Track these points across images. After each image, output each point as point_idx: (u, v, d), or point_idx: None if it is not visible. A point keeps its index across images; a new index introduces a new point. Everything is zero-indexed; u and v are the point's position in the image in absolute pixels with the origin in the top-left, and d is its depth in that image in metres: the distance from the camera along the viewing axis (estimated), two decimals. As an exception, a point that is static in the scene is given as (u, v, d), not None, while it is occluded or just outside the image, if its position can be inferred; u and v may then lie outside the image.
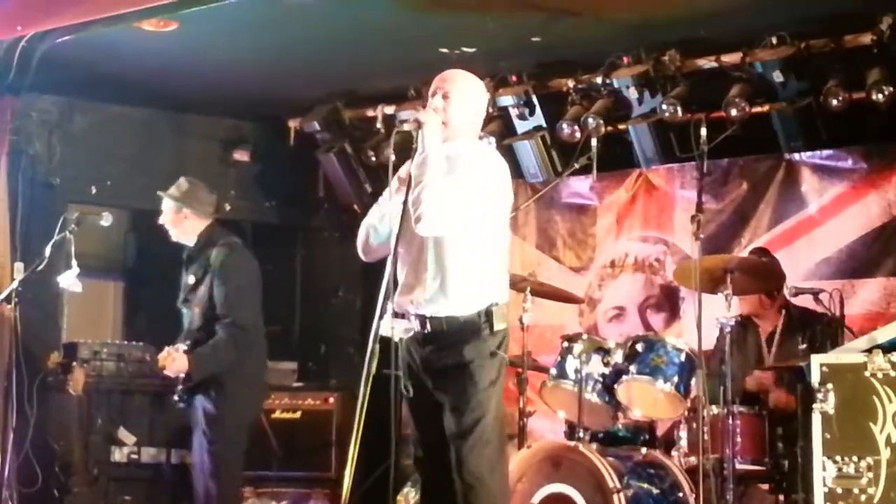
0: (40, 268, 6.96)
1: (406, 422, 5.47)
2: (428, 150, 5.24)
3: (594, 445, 6.89)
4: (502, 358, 5.46)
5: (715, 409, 6.80)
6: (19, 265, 7.96)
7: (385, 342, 5.14)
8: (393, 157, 5.32)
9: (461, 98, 5.47)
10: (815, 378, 6.09)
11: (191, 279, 7.22)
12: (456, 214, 5.26)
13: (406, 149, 5.41)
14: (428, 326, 5.35)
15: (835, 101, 7.85)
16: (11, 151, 8.68)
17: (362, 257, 5.63)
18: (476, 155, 5.50)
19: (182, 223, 7.30)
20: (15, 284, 6.92)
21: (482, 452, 5.35)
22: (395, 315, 5.23)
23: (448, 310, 5.36)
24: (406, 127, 5.29)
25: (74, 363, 8.16)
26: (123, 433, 8.80)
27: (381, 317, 5.12)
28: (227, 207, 9.99)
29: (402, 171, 5.41)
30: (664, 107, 8.34)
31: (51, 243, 6.94)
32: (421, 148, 5.25)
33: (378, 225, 5.50)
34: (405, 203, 5.19)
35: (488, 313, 5.37)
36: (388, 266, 5.16)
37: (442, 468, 5.37)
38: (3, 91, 8.49)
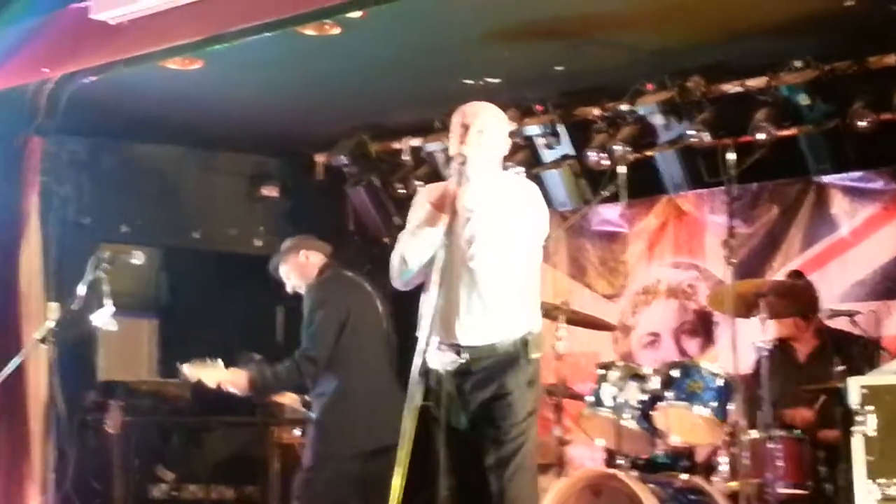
0: (74, 307, 6.95)
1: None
2: (475, 183, 5.28)
3: (634, 472, 6.86)
4: (539, 387, 5.49)
5: (754, 434, 6.79)
6: (53, 305, 7.98)
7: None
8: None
9: (493, 131, 5.52)
10: (854, 400, 6.07)
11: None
12: (502, 247, 5.30)
13: (431, 181, 5.44)
14: (464, 355, 5.36)
15: (862, 123, 7.84)
16: (42, 192, 8.70)
17: (396, 286, 5.64)
18: (514, 186, 5.56)
19: (305, 267, 7.39)
20: (50, 324, 6.91)
21: (523, 480, 5.38)
22: (441, 346, 5.27)
23: (485, 339, 5.38)
24: (458, 161, 5.31)
25: (112, 402, 8.18)
26: (162, 470, 8.82)
27: (425, 350, 5.13)
28: (258, 244, 10.05)
29: (430, 197, 5.47)
30: (691, 132, 8.35)
31: (84, 282, 6.94)
32: (467, 182, 5.28)
33: (410, 254, 5.50)
34: (447, 234, 5.21)
35: (525, 342, 5.40)
36: (432, 297, 5.18)
37: (481, 498, 5.37)
38: (32, 133, 8.53)
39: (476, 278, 5.35)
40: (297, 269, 7.44)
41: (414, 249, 5.45)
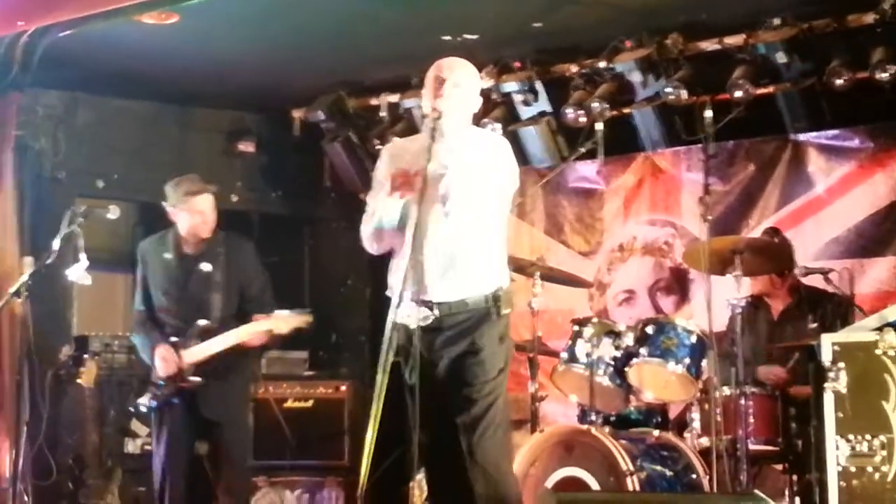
0: (49, 262, 6.94)
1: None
2: (450, 139, 5.29)
3: (607, 429, 6.89)
4: (510, 343, 5.51)
5: (727, 391, 6.83)
6: (28, 259, 7.98)
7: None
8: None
9: (468, 86, 5.51)
10: (826, 357, 6.08)
11: (206, 267, 7.17)
12: (475, 203, 5.32)
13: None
14: (436, 311, 5.36)
15: (839, 81, 7.85)
16: (17, 147, 8.69)
17: (370, 250, 5.63)
18: (486, 141, 5.56)
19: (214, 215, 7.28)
20: (25, 279, 6.90)
21: (494, 437, 5.39)
22: (412, 303, 5.26)
23: (456, 295, 5.38)
24: (434, 116, 5.31)
25: (86, 356, 8.16)
26: (136, 425, 8.82)
27: (398, 305, 5.13)
28: (235, 199, 10.02)
29: (394, 153, 5.54)
30: (668, 90, 8.34)
31: (59, 237, 6.93)
32: (442, 138, 5.28)
33: (383, 217, 5.49)
34: (421, 191, 5.18)
35: (496, 298, 5.41)
36: (404, 253, 5.17)
37: (452, 454, 5.38)
38: (7, 87, 8.50)
39: (449, 234, 5.34)
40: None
41: (386, 215, 5.44)
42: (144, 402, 7.09)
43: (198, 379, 7.03)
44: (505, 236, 5.56)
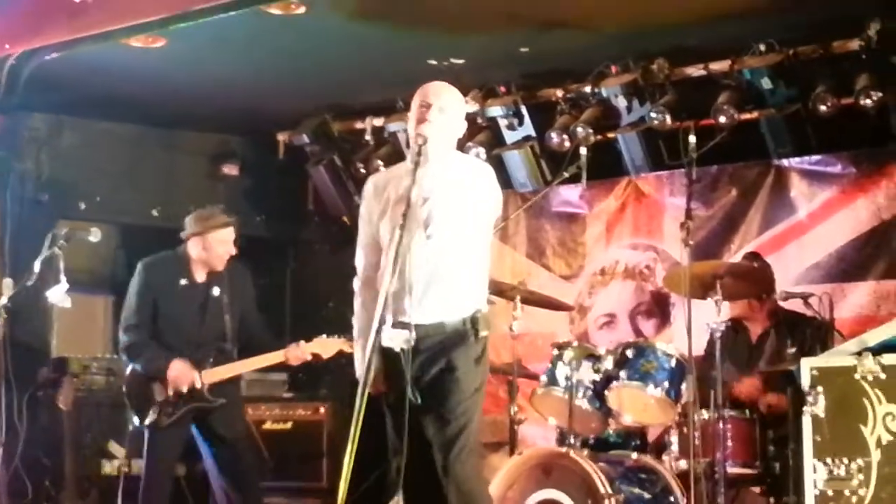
0: (29, 283, 6.94)
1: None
2: (433, 164, 5.31)
3: (585, 451, 6.87)
4: (486, 365, 5.51)
5: (706, 414, 6.81)
6: (8, 281, 7.94)
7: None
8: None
9: (453, 111, 5.52)
10: (805, 381, 6.09)
11: (216, 291, 7.30)
12: (456, 227, 5.34)
13: (392, 161, 5.39)
14: (413, 333, 5.35)
15: (823, 107, 7.88)
16: (0, 169, 8.66)
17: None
18: (470, 166, 5.59)
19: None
20: (4, 300, 6.90)
21: (468, 459, 5.39)
22: (395, 325, 5.28)
23: (434, 317, 5.39)
24: (419, 142, 5.32)
25: (64, 378, 8.15)
26: (114, 446, 8.79)
27: (379, 328, 5.13)
28: (217, 222, 10.00)
29: (378, 185, 5.57)
30: (653, 115, 8.36)
31: (40, 259, 6.94)
32: (426, 163, 5.29)
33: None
34: (404, 215, 5.18)
35: (474, 320, 5.42)
36: (386, 276, 5.18)
37: (427, 475, 5.37)
38: (-9, 109, 8.51)
39: (429, 258, 5.34)
40: None
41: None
42: (152, 418, 7.12)
43: (222, 399, 7.17)
44: (487, 260, 5.58)
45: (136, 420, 7.25)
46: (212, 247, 7.31)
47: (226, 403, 7.21)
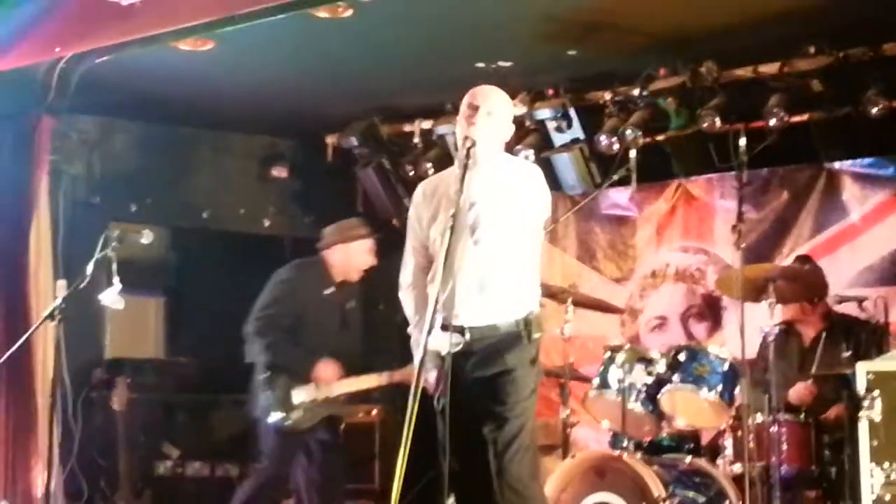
0: (83, 285, 6.96)
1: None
2: (481, 167, 5.32)
3: (639, 455, 6.87)
4: (540, 367, 5.54)
5: (760, 417, 6.78)
6: (62, 283, 8.02)
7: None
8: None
9: (501, 114, 5.54)
10: (860, 385, 6.06)
11: (351, 304, 7.63)
12: (506, 229, 5.36)
13: (441, 164, 5.39)
14: (467, 335, 5.39)
15: (874, 110, 7.83)
16: (52, 171, 8.71)
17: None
18: (519, 169, 5.60)
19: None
20: (58, 302, 6.92)
21: (524, 459, 5.41)
22: (444, 328, 5.28)
23: (487, 320, 5.42)
24: (466, 145, 5.32)
25: (118, 379, 8.21)
26: (167, 447, 8.85)
27: (430, 331, 5.13)
28: (267, 223, 10.05)
29: (428, 191, 5.62)
30: (702, 117, 8.33)
31: (92, 261, 6.95)
32: (474, 166, 5.30)
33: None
34: (453, 217, 5.18)
35: (527, 322, 5.46)
36: (436, 279, 5.19)
37: (481, 478, 5.39)
38: (43, 112, 8.53)
39: (479, 261, 5.37)
40: None
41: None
42: (294, 420, 7.30)
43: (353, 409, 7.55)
44: (538, 262, 5.59)
45: (273, 417, 7.32)
46: (351, 257, 7.57)
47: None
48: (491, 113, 5.46)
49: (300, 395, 7.32)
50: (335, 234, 7.63)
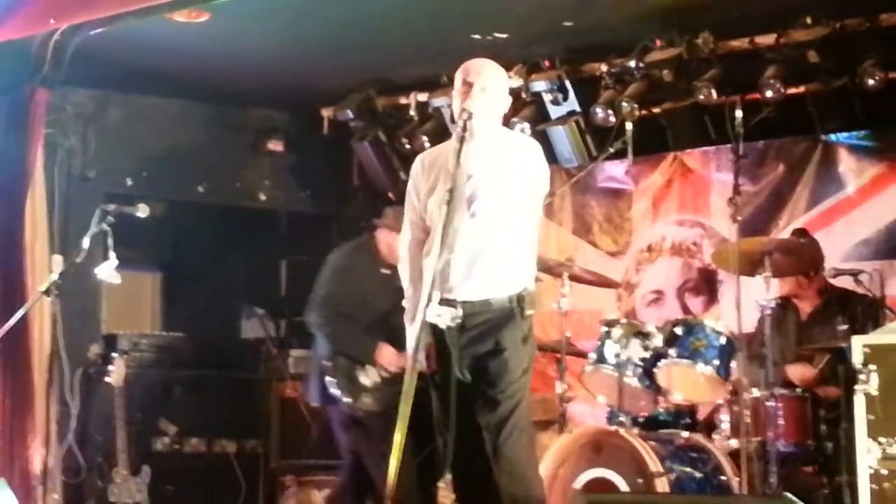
0: (79, 260, 6.96)
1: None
2: (478, 142, 5.31)
3: (635, 430, 6.87)
4: (533, 344, 5.54)
5: (756, 392, 6.79)
6: (58, 258, 7.99)
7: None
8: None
9: (496, 88, 5.53)
10: (857, 359, 6.04)
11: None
12: (503, 204, 5.35)
13: (437, 137, 5.35)
14: (460, 310, 5.37)
15: (871, 81, 7.79)
16: (47, 145, 8.68)
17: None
18: (516, 143, 5.58)
19: None
20: (54, 277, 6.91)
21: (519, 439, 5.43)
22: (441, 302, 5.27)
23: (480, 294, 5.42)
24: (463, 117, 5.32)
25: (114, 354, 8.21)
26: (164, 423, 8.86)
27: (427, 304, 5.14)
28: (263, 197, 10.03)
29: (427, 162, 5.60)
30: (699, 89, 8.30)
31: (88, 235, 6.94)
32: (471, 139, 5.29)
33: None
34: (451, 191, 5.18)
35: (520, 298, 5.45)
36: (434, 253, 5.20)
37: (477, 455, 5.40)
38: (38, 85, 8.47)
39: (475, 235, 5.37)
40: None
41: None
42: (367, 403, 7.26)
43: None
44: (535, 238, 5.59)
45: (343, 401, 7.31)
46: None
47: None
48: (485, 88, 5.45)
49: (366, 379, 7.28)
50: (388, 217, 7.48)
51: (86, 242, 6.91)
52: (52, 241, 8.54)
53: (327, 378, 7.33)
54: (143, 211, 7.27)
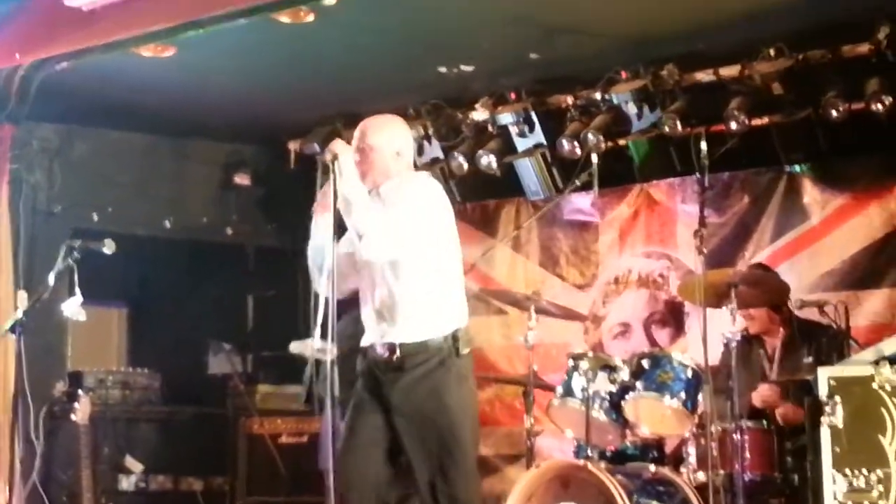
0: (45, 296, 6.93)
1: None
2: (347, 180, 5.40)
3: (603, 464, 6.86)
4: (471, 383, 5.61)
5: (723, 425, 6.79)
6: (22, 294, 7.94)
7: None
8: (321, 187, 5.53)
9: (379, 145, 5.62)
10: (822, 391, 6.08)
11: None
12: (399, 240, 5.42)
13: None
14: (398, 352, 5.47)
15: (834, 112, 7.84)
16: (12, 180, 8.67)
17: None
18: (407, 184, 5.65)
19: None
20: (19, 314, 6.89)
21: (466, 483, 5.48)
22: (373, 346, 5.51)
23: (416, 336, 5.50)
24: (328, 157, 5.43)
25: (80, 391, 8.16)
26: (130, 461, 8.81)
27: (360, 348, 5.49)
28: (230, 232, 10.00)
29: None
30: (664, 121, 8.33)
31: (54, 271, 6.92)
32: (340, 177, 5.40)
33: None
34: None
35: (454, 338, 5.53)
36: (365, 296, 5.44)
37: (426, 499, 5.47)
38: (3, 119, 8.49)
39: (398, 280, 5.48)
40: None
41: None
42: None
43: None
44: (460, 276, 5.69)
45: None
46: None
47: None
48: (372, 147, 5.58)
49: None
50: None
51: (51, 278, 6.88)
52: (17, 276, 8.50)
53: None
54: (109, 247, 7.24)
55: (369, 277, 5.51)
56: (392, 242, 5.39)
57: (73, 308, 7.01)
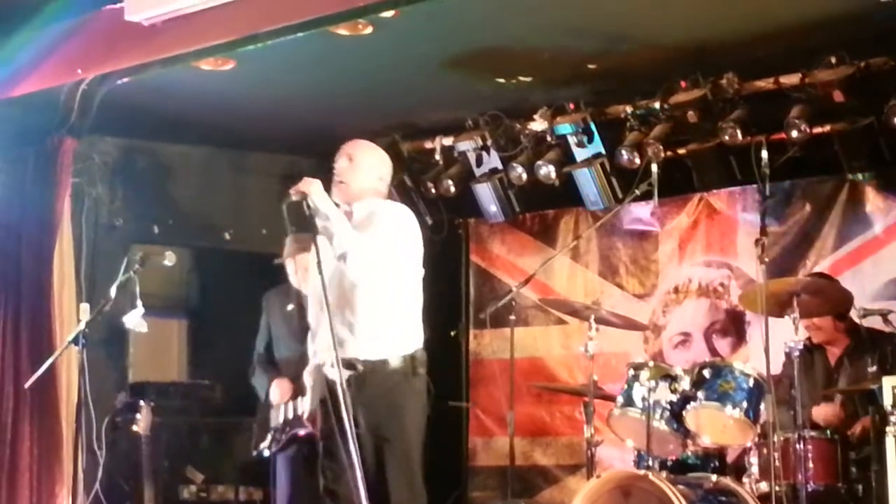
0: (106, 308, 6.98)
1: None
2: (324, 209, 5.75)
3: (664, 473, 6.82)
4: (426, 402, 5.89)
5: (786, 434, 6.74)
6: (85, 306, 8.02)
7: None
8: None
9: (363, 164, 6.11)
10: (887, 401, 6.02)
11: None
12: (375, 262, 5.70)
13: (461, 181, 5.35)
14: (360, 368, 5.71)
15: (896, 120, 7.77)
16: (74, 194, 8.71)
17: None
18: (381, 209, 6.00)
19: None
20: (82, 326, 6.93)
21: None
22: (334, 364, 5.62)
23: (378, 354, 5.74)
24: (294, 198, 5.79)
25: (141, 402, 8.22)
26: (191, 471, 8.84)
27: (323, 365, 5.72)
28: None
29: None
30: (724, 130, 8.29)
31: (116, 284, 6.96)
32: (316, 211, 5.75)
33: None
34: (318, 265, 5.57)
35: (413, 358, 5.81)
36: (327, 314, 5.53)
37: None
38: (65, 134, 8.53)
39: (357, 296, 5.76)
40: None
41: None
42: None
43: None
44: (419, 299, 5.93)
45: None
46: (296, 271, 7.53)
47: None
48: (359, 162, 6.13)
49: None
50: (286, 249, 7.62)
51: (113, 291, 6.93)
52: (80, 289, 8.56)
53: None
54: (169, 259, 7.28)
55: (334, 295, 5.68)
56: (372, 261, 5.68)
57: (134, 320, 7.05)
